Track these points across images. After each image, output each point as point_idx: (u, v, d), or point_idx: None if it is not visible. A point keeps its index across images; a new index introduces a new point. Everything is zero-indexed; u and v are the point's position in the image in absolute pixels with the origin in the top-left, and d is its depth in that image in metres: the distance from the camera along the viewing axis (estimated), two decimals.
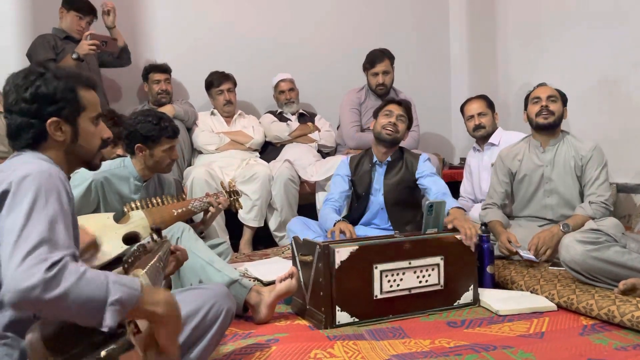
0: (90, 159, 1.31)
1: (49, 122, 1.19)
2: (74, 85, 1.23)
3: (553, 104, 2.54)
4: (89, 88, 1.27)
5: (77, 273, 0.96)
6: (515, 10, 3.92)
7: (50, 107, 1.19)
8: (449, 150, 4.56)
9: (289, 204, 3.28)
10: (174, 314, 1.09)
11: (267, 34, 4.03)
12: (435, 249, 1.97)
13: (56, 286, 0.93)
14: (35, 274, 0.93)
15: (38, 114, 1.19)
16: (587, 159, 2.50)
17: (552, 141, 2.58)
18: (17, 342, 1.05)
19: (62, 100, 1.20)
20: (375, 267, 1.87)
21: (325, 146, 3.75)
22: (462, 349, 1.59)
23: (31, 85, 1.19)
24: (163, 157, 2.28)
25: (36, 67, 1.22)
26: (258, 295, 1.91)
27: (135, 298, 1.00)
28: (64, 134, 1.22)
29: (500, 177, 2.67)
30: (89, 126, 1.27)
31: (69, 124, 1.22)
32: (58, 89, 1.20)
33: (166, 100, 3.52)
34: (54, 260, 0.95)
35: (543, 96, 2.56)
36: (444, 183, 2.60)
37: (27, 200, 1.03)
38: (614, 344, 1.60)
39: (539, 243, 2.33)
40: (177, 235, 2.02)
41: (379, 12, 4.34)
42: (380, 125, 2.67)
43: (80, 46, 2.95)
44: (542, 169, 2.57)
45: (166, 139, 2.26)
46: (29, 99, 1.18)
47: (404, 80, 3.85)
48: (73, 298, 0.94)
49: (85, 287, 0.95)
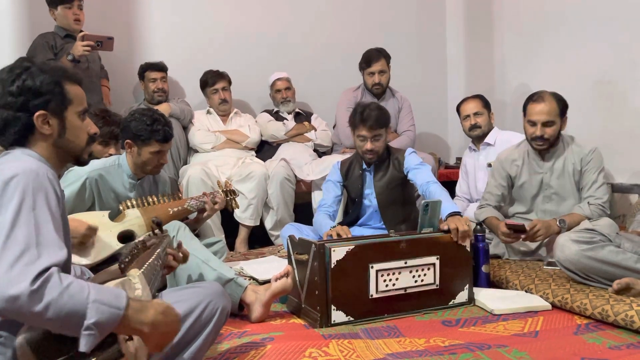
0: (79, 153, 1.30)
1: (36, 115, 1.18)
2: (60, 79, 1.22)
3: (549, 129, 2.45)
4: (74, 83, 1.26)
5: (61, 287, 0.95)
6: (511, 11, 3.93)
7: (36, 100, 1.18)
8: (445, 150, 4.56)
9: (285, 203, 3.28)
10: (164, 332, 1.07)
11: (264, 32, 4.03)
12: (431, 249, 1.97)
13: (39, 300, 0.93)
14: (21, 282, 0.93)
15: (25, 107, 1.18)
16: (586, 161, 2.48)
17: (552, 150, 2.55)
18: (11, 341, 1.05)
19: (48, 93, 1.20)
20: (371, 266, 1.87)
21: (322, 145, 3.75)
22: (457, 347, 1.59)
23: (17, 78, 1.18)
24: (150, 159, 2.24)
25: (21, 62, 1.22)
26: (254, 294, 1.91)
27: (117, 318, 0.98)
28: (51, 128, 1.21)
29: (498, 180, 2.65)
30: (76, 120, 1.26)
31: (56, 117, 1.22)
32: (44, 82, 1.19)
33: (162, 98, 3.51)
34: (40, 270, 0.95)
35: (539, 122, 2.44)
36: (427, 171, 2.51)
37: (14, 202, 1.03)
38: (607, 343, 1.61)
39: (539, 224, 2.32)
40: (172, 234, 2.01)
41: (376, 12, 4.34)
42: (360, 149, 2.63)
43: (75, 47, 2.93)
44: (541, 176, 2.56)
45: (156, 142, 2.21)
46: (15, 93, 1.17)
47: (400, 80, 3.85)
48: (54, 312, 0.93)
49: (67, 303, 0.94)
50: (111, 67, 3.59)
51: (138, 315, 1.02)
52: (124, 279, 1.14)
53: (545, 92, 2.51)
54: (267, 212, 3.31)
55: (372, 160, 2.63)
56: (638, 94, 3.04)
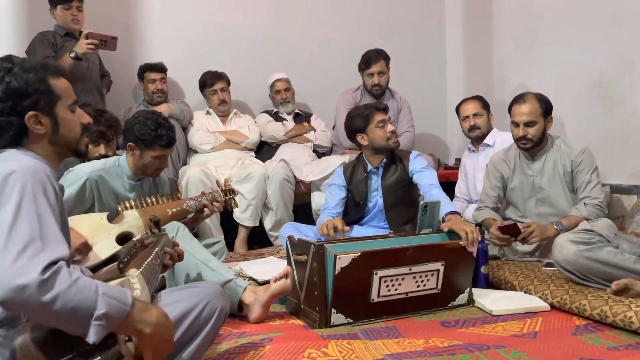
0: (75, 146, 1.29)
1: (27, 116, 1.17)
2: (44, 75, 1.20)
3: (531, 129, 2.46)
4: (58, 76, 1.24)
5: (70, 279, 0.95)
6: (510, 12, 3.93)
7: (25, 101, 1.17)
8: (445, 151, 4.57)
9: (284, 204, 3.28)
10: (163, 336, 1.07)
11: (264, 33, 4.03)
12: (436, 255, 1.93)
13: (49, 289, 0.92)
14: (31, 272, 0.92)
15: (14, 110, 1.16)
16: (577, 163, 2.48)
17: (540, 151, 2.56)
18: (9, 340, 1.05)
19: (36, 92, 1.18)
20: (375, 272, 1.84)
21: (321, 146, 3.75)
22: (456, 348, 1.59)
23: (1, 82, 1.16)
24: (151, 163, 2.25)
25: (2, 63, 1.19)
26: (253, 295, 1.91)
27: (124, 313, 0.99)
28: (45, 127, 1.20)
29: (492, 181, 2.66)
30: (67, 114, 1.24)
31: (47, 115, 1.20)
32: (29, 81, 1.17)
33: (162, 99, 3.51)
34: (49, 261, 0.95)
35: (521, 123, 2.46)
36: (432, 175, 2.55)
37: (15, 197, 1.02)
38: (606, 343, 1.61)
39: (534, 226, 2.32)
40: (171, 234, 2.01)
41: (375, 13, 4.35)
42: (383, 138, 2.62)
43: (79, 45, 2.93)
44: (532, 178, 2.56)
45: (159, 147, 2.22)
46: (2, 97, 1.16)
47: (399, 81, 3.85)
48: (62, 304, 0.93)
49: (75, 295, 0.94)
50: (111, 67, 3.59)
51: (142, 314, 1.03)
52: (123, 279, 1.14)
53: (528, 93, 2.54)
54: (267, 212, 3.31)
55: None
56: (636, 95, 3.04)
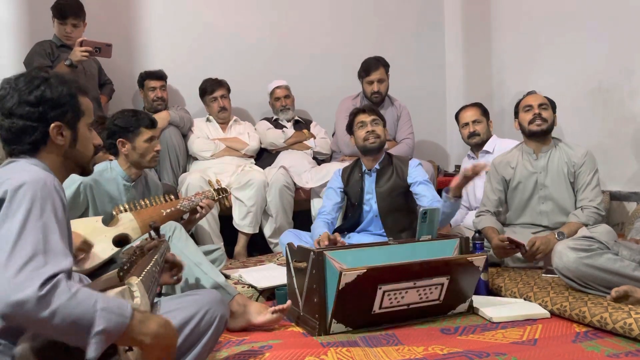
0: (86, 164, 1.34)
1: (52, 126, 1.21)
2: (75, 91, 1.26)
3: (545, 112, 2.59)
4: (85, 95, 1.30)
5: (69, 293, 0.96)
6: (510, 19, 3.95)
7: (54, 111, 1.22)
8: (444, 158, 4.57)
9: (284, 211, 3.28)
10: (164, 345, 1.07)
11: (264, 40, 4.05)
12: (443, 270, 1.90)
13: (47, 306, 0.93)
14: (29, 287, 0.93)
15: (42, 117, 1.21)
16: (579, 165, 2.53)
17: (545, 148, 2.61)
18: (9, 349, 1.05)
19: (65, 104, 1.23)
20: (380, 287, 1.82)
21: (321, 153, 3.76)
22: (456, 355, 1.59)
23: (36, 88, 1.20)
24: (146, 149, 2.31)
25: (39, 72, 1.24)
26: (240, 306, 1.91)
27: (123, 327, 0.99)
28: (65, 139, 1.24)
29: (493, 184, 2.69)
30: (86, 131, 1.30)
31: (69, 128, 1.25)
32: (62, 94, 1.23)
33: (162, 107, 3.52)
34: (48, 276, 0.95)
35: (535, 104, 2.60)
36: (433, 189, 2.63)
37: (22, 209, 1.04)
38: (606, 351, 1.60)
39: (537, 242, 2.34)
40: (168, 234, 2.02)
41: (375, 19, 4.36)
42: (361, 139, 2.69)
43: (73, 53, 2.94)
44: (535, 175, 2.59)
45: (145, 128, 2.32)
46: (34, 102, 1.20)
47: (399, 88, 3.86)
48: (61, 319, 0.94)
49: (74, 310, 0.95)
50: (111, 75, 3.61)
51: (141, 325, 1.03)
52: (124, 288, 1.14)
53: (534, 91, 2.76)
54: (266, 219, 3.31)
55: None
56: (635, 101, 3.05)
